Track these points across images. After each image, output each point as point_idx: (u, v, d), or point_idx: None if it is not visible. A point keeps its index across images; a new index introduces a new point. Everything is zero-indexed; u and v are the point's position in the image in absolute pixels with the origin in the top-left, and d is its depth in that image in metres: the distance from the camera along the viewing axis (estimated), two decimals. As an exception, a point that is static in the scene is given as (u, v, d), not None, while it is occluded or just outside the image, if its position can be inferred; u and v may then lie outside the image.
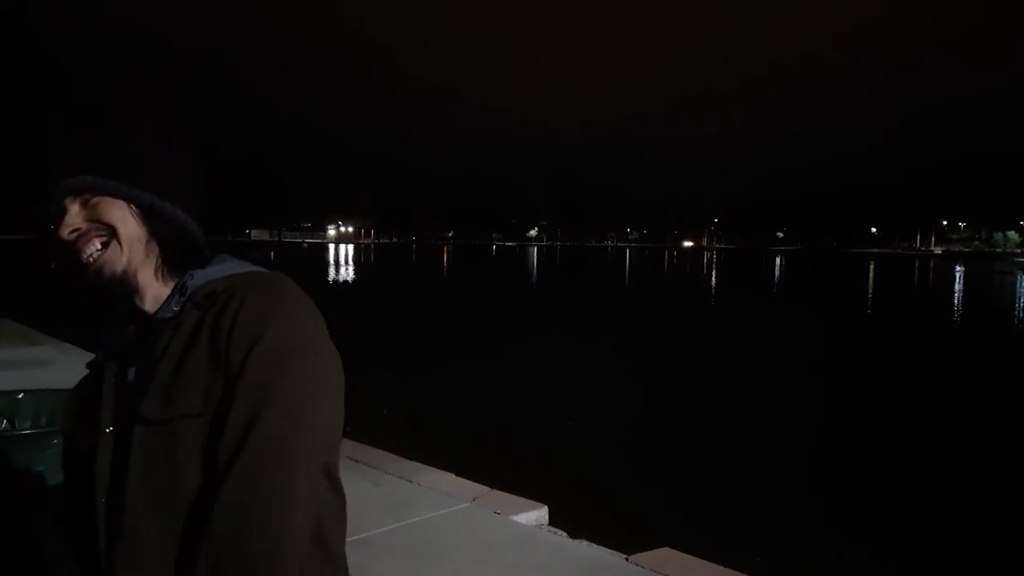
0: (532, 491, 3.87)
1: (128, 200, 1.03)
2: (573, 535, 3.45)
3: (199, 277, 1.04)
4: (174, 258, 1.06)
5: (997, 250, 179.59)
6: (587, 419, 8.02)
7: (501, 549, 3.12)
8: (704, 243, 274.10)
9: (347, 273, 41.53)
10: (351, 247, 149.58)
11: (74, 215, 1.02)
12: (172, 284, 1.06)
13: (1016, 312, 24.65)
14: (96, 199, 1.02)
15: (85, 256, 1.02)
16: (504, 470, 4.80)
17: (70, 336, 8.38)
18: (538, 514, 3.60)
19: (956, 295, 32.33)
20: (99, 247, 1.02)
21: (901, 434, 7.90)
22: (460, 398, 8.55)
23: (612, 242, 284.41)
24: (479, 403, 8.39)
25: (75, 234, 1.01)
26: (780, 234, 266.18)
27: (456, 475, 4.12)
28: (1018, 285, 41.30)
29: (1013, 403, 9.41)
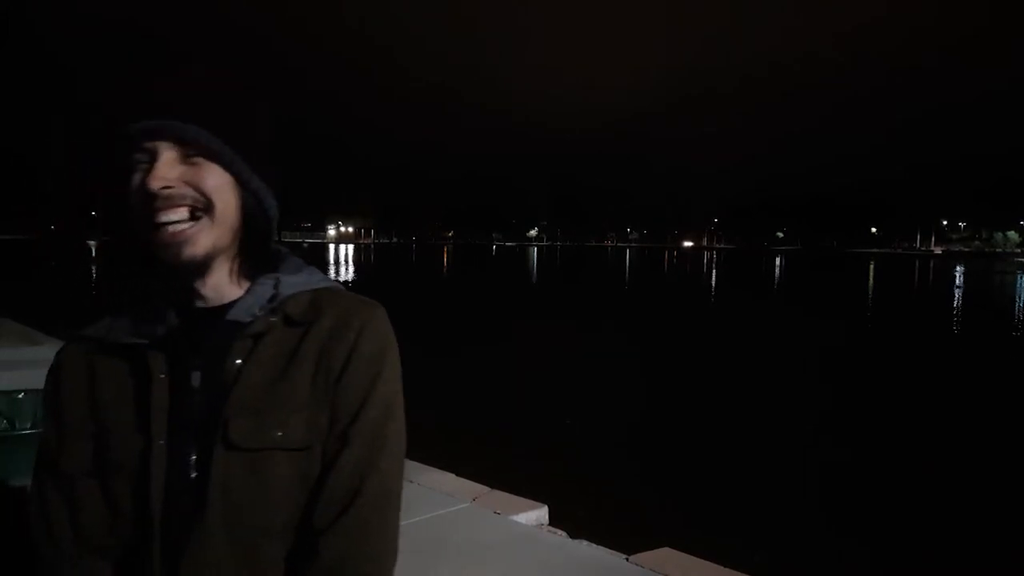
0: (532, 491, 3.88)
1: (235, 175, 0.90)
2: (573, 535, 3.45)
3: (286, 285, 0.93)
4: (255, 255, 0.95)
5: (997, 250, 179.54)
6: (587, 419, 8.02)
7: (501, 549, 3.12)
8: (704, 243, 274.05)
9: (347, 273, 41.58)
10: (351, 247, 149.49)
11: (169, 165, 0.86)
12: (242, 282, 0.94)
13: (1016, 312, 24.64)
14: (198, 158, 0.87)
15: (164, 220, 0.86)
16: (504, 470, 4.79)
17: (70, 336, 8.38)
18: (538, 514, 3.60)
19: (956, 295, 32.33)
20: (186, 216, 0.87)
21: (901, 433, 7.90)
22: (460, 398, 8.54)
23: (612, 242, 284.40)
24: (479, 403, 8.39)
25: (167, 191, 0.85)
26: (780, 234, 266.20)
27: (456, 475, 4.13)
28: (1018, 285, 41.29)
29: (1013, 403, 9.41)
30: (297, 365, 0.90)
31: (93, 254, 66.81)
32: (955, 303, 27.99)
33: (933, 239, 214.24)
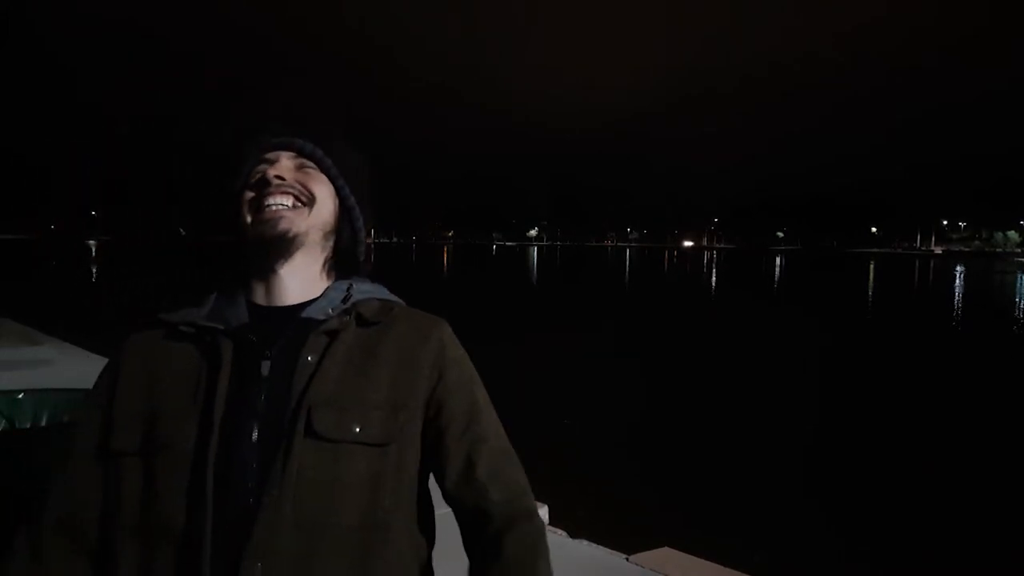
0: (532, 491, 3.86)
1: (336, 187, 1.08)
2: (573, 535, 3.44)
3: (358, 291, 1.05)
4: (339, 263, 1.09)
5: (997, 250, 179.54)
6: (587, 419, 8.02)
7: (501, 549, 3.11)
8: (704, 243, 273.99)
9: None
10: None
11: (287, 166, 1.05)
12: (319, 285, 1.05)
13: (1016, 312, 24.63)
14: (310, 168, 1.06)
15: (269, 202, 1.01)
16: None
17: (70, 336, 8.38)
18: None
19: (956, 295, 32.32)
20: (289, 204, 1.02)
21: (901, 433, 7.90)
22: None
23: (612, 242, 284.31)
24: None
25: (280, 181, 1.02)
26: (780, 234, 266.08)
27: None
28: (1018, 285, 41.28)
29: (1012, 402, 9.40)
30: (375, 364, 0.96)
31: (93, 254, 66.77)
32: (955, 302, 27.98)
33: (933, 239, 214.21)
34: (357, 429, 0.91)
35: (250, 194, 1.03)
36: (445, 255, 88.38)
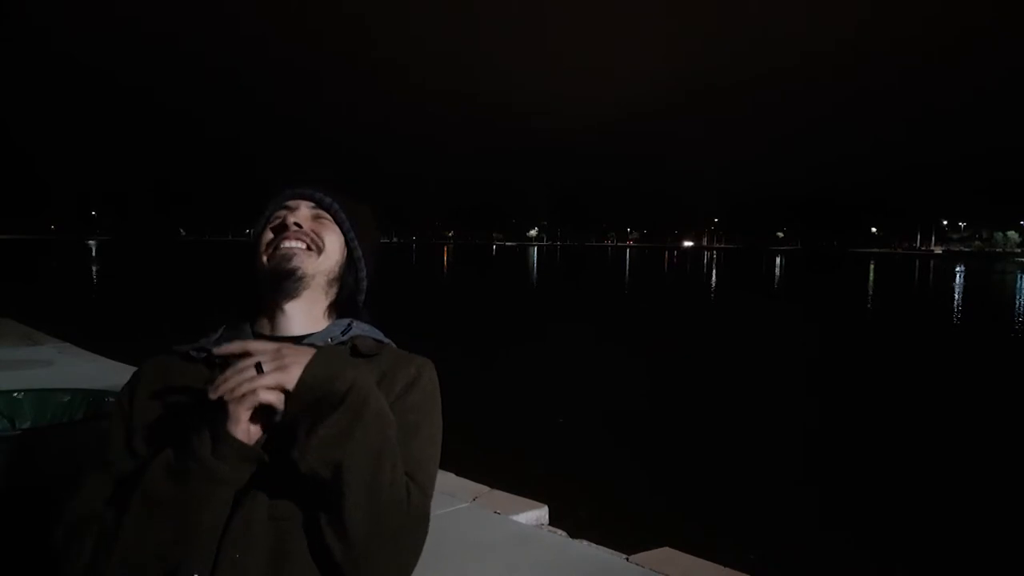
0: (532, 491, 3.87)
1: (345, 239, 1.24)
2: (573, 535, 3.44)
3: (357, 328, 1.20)
4: (342, 304, 1.24)
5: (997, 250, 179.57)
6: (587, 419, 8.02)
7: (501, 549, 3.12)
8: (704, 243, 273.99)
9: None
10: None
11: (305, 215, 1.21)
12: (322, 322, 1.21)
13: (1016, 311, 24.63)
14: (325, 219, 1.23)
15: (284, 244, 1.17)
16: (504, 470, 4.79)
17: (70, 336, 8.38)
18: (538, 514, 3.60)
19: (956, 294, 32.32)
20: (303, 246, 1.18)
21: (901, 433, 7.90)
22: (460, 397, 8.52)
23: (612, 242, 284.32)
24: (479, 402, 8.38)
25: (297, 227, 1.18)
26: (780, 234, 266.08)
27: (456, 475, 4.12)
28: (1019, 285, 41.29)
29: (1012, 402, 9.40)
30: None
31: (93, 254, 66.80)
32: (955, 302, 27.98)
33: (933, 239, 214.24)
34: None
35: (269, 236, 1.19)
36: (445, 255, 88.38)
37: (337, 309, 1.24)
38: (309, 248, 1.18)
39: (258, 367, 0.94)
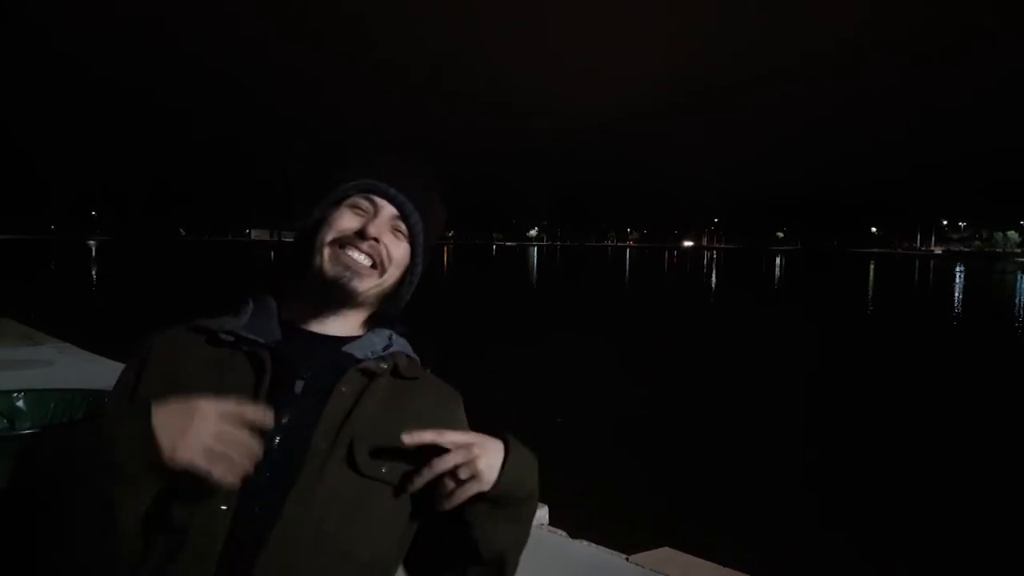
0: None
1: (412, 253, 1.12)
2: (573, 535, 3.45)
3: (397, 343, 1.10)
4: (386, 314, 1.14)
5: (997, 250, 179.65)
6: (587, 419, 8.02)
7: (501, 549, 3.12)
8: (704, 243, 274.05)
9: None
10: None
11: (385, 223, 1.08)
12: (362, 326, 1.11)
13: (1016, 311, 24.63)
14: (401, 233, 1.10)
15: (352, 254, 1.05)
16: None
17: (70, 336, 8.38)
18: (538, 514, 3.59)
19: (956, 294, 32.32)
20: (370, 264, 1.07)
21: (900, 433, 7.90)
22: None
23: (612, 242, 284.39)
24: (479, 402, 8.36)
25: (373, 241, 1.06)
26: (780, 234, 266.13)
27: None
28: (1018, 285, 41.29)
29: (1012, 402, 9.40)
30: (407, 417, 1.01)
31: (93, 254, 66.80)
32: (955, 302, 27.99)
33: (933, 239, 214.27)
34: (384, 470, 0.96)
35: (341, 228, 1.06)
36: (445, 255, 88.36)
37: (377, 315, 1.14)
38: (374, 266, 1.07)
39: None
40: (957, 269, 65.06)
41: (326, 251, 1.05)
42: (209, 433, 0.84)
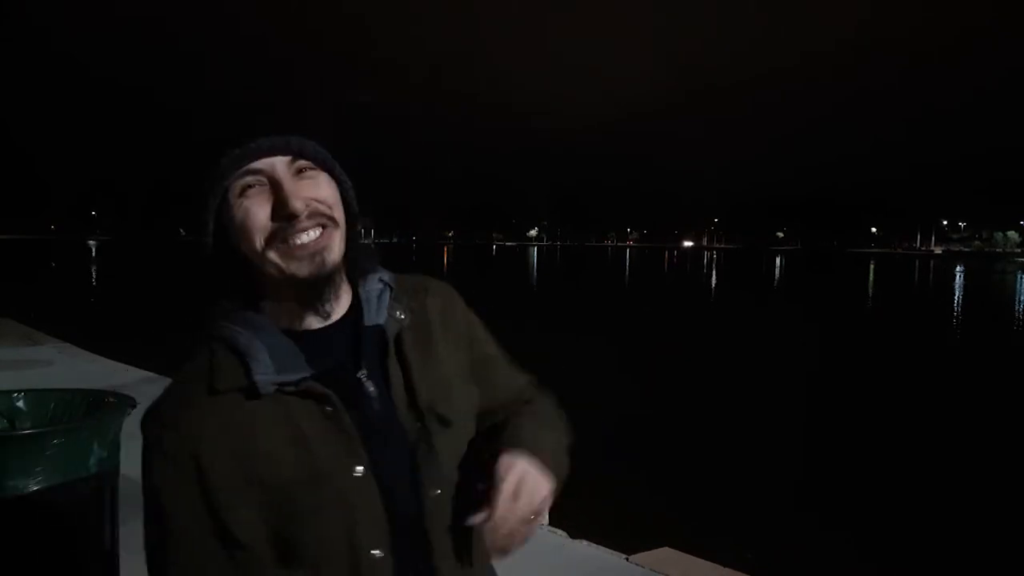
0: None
1: (339, 183, 0.95)
2: (573, 535, 3.45)
3: (386, 278, 1.01)
4: (359, 257, 0.98)
5: (997, 250, 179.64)
6: (587, 418, 7.99)
7: (501, 549, 3.12)
8: (704, 243, 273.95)
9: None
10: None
11: (291, 182, 0.89)
12: (345, 286, 0.96)
13: (1016, 311, 24.63)
14: (312, 171, 0.91)
15: (300, 239, 0.87)
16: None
17: (70, 336, 8.38)
18: (538, 514, 3.60)
19: (956, 294, 32.31)
20: (320, 229, 0.89)
21: (900, 433, 7.90)
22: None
23: (612, 242, 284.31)
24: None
25: (305, 210, 0.87)
26: (780, 234, 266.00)
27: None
28: (1018, 285, 41.28)
29: (1011, 402, 9.40)
30: (439, 351, 1.00)
31: (93, 254, 66.78)
32: (955, 302, 27.98)
33: (933, 239, 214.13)
34: (461, 407, 0.99)
35: (260, 228, 0.87)
36: (445, 255, 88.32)
37: (356, 258, 0.97)
38: (325, 225, 0.89)
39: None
40: (957, 269, 65.05)
41: (272, 256, 0.87)
42: None
